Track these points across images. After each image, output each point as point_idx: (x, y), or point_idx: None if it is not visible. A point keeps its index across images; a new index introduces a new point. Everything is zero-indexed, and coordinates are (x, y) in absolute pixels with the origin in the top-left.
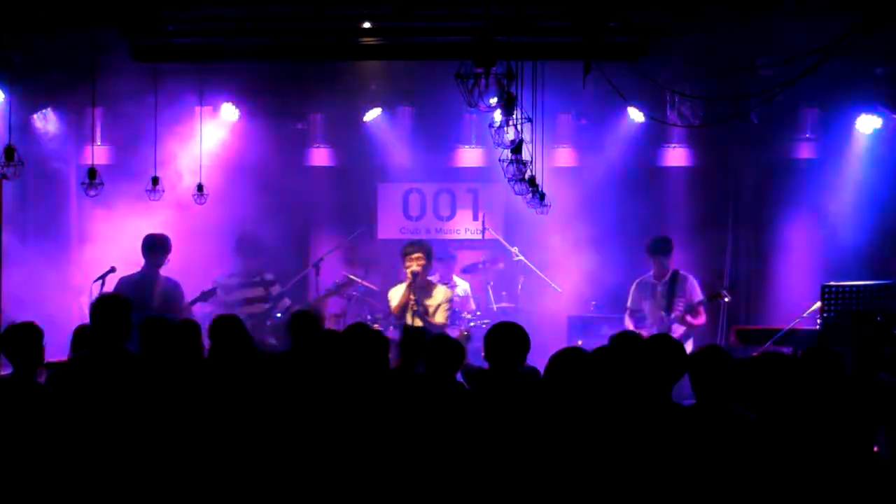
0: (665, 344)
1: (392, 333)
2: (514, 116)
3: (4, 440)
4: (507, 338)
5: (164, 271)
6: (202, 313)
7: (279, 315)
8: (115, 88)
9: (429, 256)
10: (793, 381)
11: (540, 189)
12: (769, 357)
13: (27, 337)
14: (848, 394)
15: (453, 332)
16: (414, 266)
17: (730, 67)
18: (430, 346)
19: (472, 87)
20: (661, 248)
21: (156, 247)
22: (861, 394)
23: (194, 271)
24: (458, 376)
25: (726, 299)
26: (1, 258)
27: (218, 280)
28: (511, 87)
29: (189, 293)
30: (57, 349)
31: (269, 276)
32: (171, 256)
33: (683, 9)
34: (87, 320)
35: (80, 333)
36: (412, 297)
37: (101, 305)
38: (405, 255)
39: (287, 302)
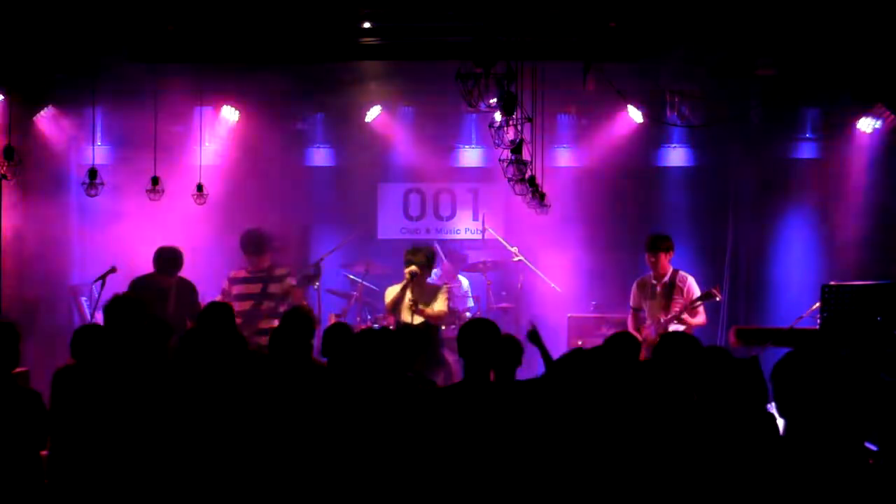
0: (680, 341)
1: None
2: (514, 116)
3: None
4: (479, 335)
5: None
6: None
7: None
8: (115, 88)
9: (430, 261)
10: (791, 382)
11: (540, 189)
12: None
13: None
14: (847, 394)
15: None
16: (413, 267)
17: (730, 67)
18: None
19: (472, 87)
20: (660, 245)
21: (170, 262)
22: (860, 394)
23: (193, 271)
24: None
25: (717, 298)
26: (1, 258)
27: (229, 274)
28: (511, 87)
29: None
30: (58, 349)
31: (279, 272)
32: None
33: (683, 9)
34: (87, 320)
35: (81, 334)
36: (411, 296)
37: (116, 305)
38: (406, 258)
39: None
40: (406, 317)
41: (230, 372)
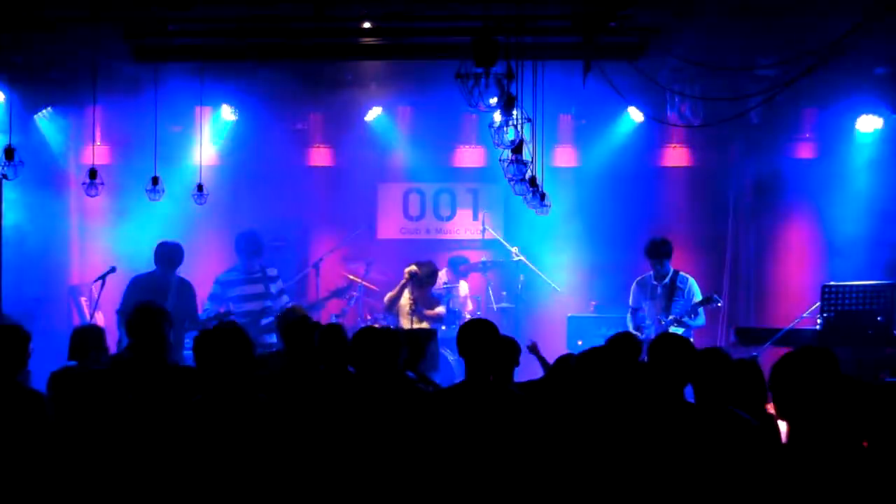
0: (674, 343)
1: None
2: (514, 116)
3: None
4: (479, 335)
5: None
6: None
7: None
8: (115, 88)
9: (429, 275)
10: (791, 382)
11: (540, 189)
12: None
13: (9, 340)
14: (845, 394)
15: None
16: (413, 266)
17: (730, 67)
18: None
19: (472, 87)
20: (659, 250)
21: (171, 258)
22: (860, 394)
23: (193, 271)
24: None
25: (718, 304)
26: (0, 258)
27: (219, 278)
28: (511, 87)
29: None
30: (57, 349)
31: (271, 272)
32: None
33: (683, 8)
34: (86, 320)
35: (79, 336)
36: (410, 297)
37: (140, 316)
38: (409, 266)
39: (285, 299)
40: (405, 324)
41: (239, 376)
